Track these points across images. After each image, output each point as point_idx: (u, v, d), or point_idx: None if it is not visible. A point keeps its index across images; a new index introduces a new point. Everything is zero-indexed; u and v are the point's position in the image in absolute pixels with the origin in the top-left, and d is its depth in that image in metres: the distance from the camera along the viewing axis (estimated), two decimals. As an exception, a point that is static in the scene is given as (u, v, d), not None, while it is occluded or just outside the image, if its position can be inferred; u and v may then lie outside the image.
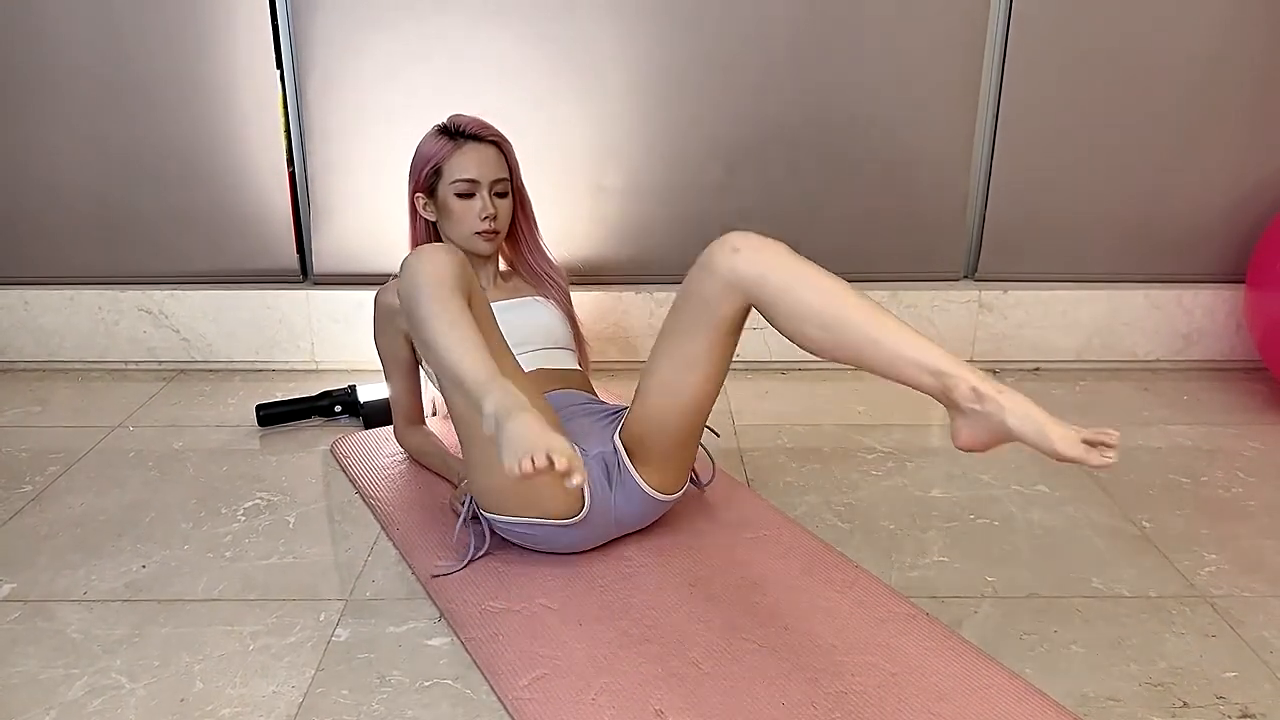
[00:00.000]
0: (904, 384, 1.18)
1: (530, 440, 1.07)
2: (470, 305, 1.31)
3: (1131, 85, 2.10)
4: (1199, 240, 2.21)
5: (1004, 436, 1.11)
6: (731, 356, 1.37)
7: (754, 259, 1.24)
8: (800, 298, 1.21)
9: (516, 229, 1.75)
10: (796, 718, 1.13)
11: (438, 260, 1.29)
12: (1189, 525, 1.57)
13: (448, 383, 1.27)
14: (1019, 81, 2.10)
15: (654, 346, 1.39)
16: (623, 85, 2.11)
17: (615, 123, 2.13)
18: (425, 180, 1.66)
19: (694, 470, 1.58)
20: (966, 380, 1.13)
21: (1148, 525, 1.57)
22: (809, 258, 1.26)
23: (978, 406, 1.12)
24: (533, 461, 1.05)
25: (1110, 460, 1.06)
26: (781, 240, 1.28)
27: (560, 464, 1.06)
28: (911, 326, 1.19)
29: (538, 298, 1.73)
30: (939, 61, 2.10)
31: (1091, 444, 1.07)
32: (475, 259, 1.71)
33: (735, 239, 1.26)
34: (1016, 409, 1.10)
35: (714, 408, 1.97)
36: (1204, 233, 2.21)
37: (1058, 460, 1.07)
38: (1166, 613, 1.34)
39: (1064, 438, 1.07)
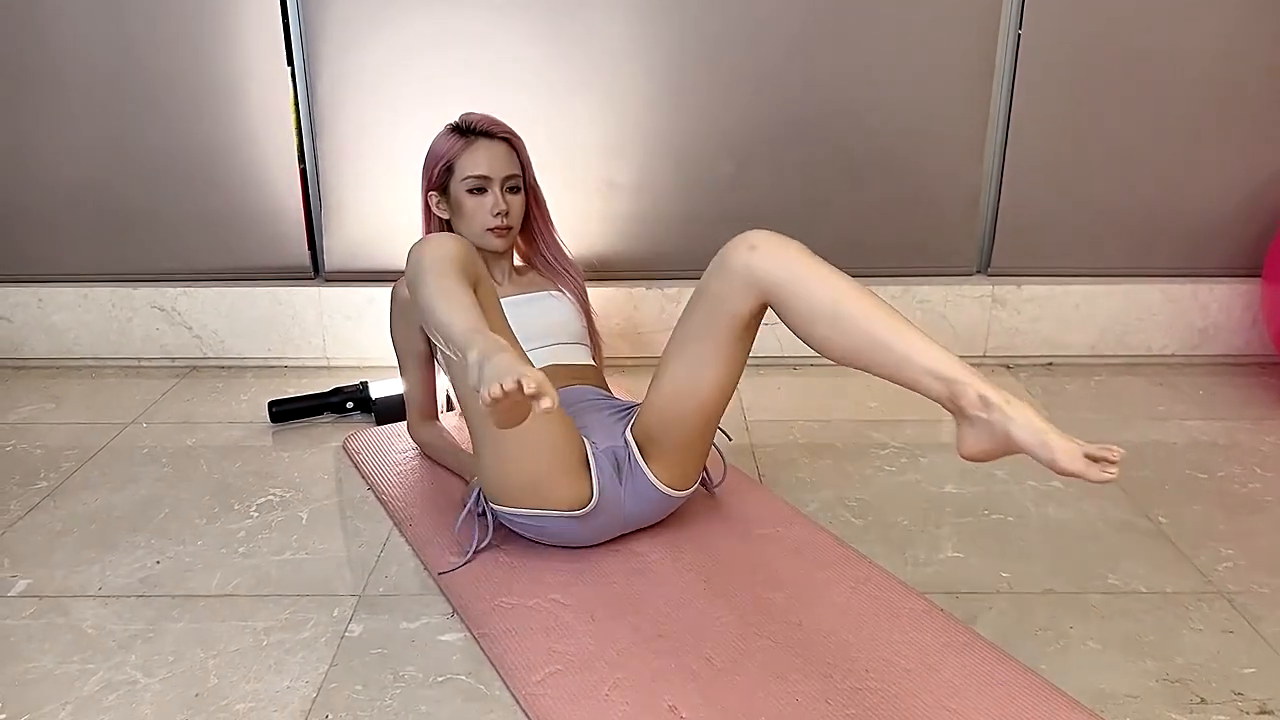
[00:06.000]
0: (912, 389, 1.17)
1: (502, 370, 1.06)
2: (476, 292, 1.31)
3: (1146, 78, 2.09)
4: (1215, 234, 2.20)
5: (1008, 446, 1.10)
6: (746, 357, 1.37)
7: (771, 256, 1.25)
8: (814, 297, 1.22)
9: (531, 224, 1.75)
10: (810, 714, 1.12)
11: (442, 244, 1.31)
12: (1205, 520, 1.56)
13: (443, 346, 1.27)
14: (1032, 75, 2.09)
15: (668, 344, 1.39)
16: (633, 81, 2.10)
17: (626, 119, 2.13)
18: (438, 178, 1.66)
19: (705, 469, 1.58)
20: (974, 387, 1.12)
21: (1164, 521, 1.56)
22: (822, 253, 1.27)
23: (984, 415, 1.11)
24: (501, 386, 1.04)
25: (1111, 476, 1.04)
26: (795, 236, 1.28)
27: (529, 387, 1.03)
28: (922, 331, 1.18)
29: (552, 292, 1.73)
30: (951, 56, 2.09)
31: (1094, 459, 1.05)
32: (489, 255, 1.71)
33: (753, 237, 1.27)
34: (1021, 419, 1.08)
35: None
36: (1220, 226, 2.19)
37: (1058, 474, 1.06)
38: (1183, 609, 1.33)
39: (1067, 451, 1.05)
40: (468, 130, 1.66)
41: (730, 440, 1.76)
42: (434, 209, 1.70)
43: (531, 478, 1.35)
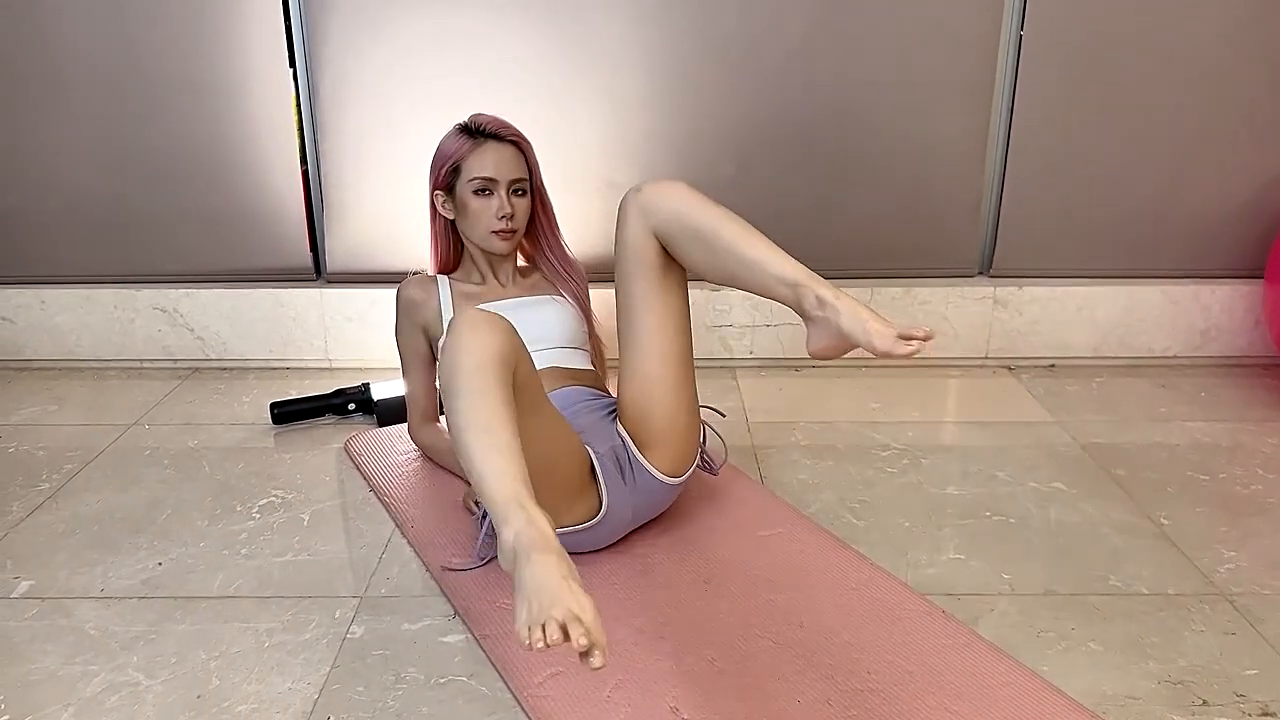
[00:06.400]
0: (769, 298, 1.28)
1: (546, 601, 0.92)
2: (516, 375, 1.20)
3: (1148, 78, 2.09)
4: (1217, 235, 2.19)
5: (842, 341, 1.20)
6: (681, 304, 1.44)
7: (656, 192, 1.36)
8: (687, 224, 1.32)
9: (536, 227, 1.75)
10: (812, 715, 1.12)
11: (481, 339, 1.17)
12: (1208, 522, 1.56)
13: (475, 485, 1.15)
14: (1033, 75, 2.09)
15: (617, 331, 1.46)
16: (634, 81, 2.11)
17: (627, 119, 2.13)
18: (444, 178, 1.67)
19: (708, 455, 1.58)
20: (813, 289, 1.22)
21: (1166, 522, 1.56)
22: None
23: (821, 313, 1.22)
24: (544, 634, 0.89)
25: (911, 349, 1.14)
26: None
27: (579, 641, 0.89)
28: (781, 250, 1.28)
29: (554, 296, 1.73)
30: (953, 56, 2.09)
31: (904, 338, 1.15)
32: (493, 257, 1.72)
33: (641, 183, 1.38)
34: (847, 311, 1.19)
35: (727, 404, 1.99)
36: (1222, 228, 2.19)
37: (877, 355, 1.16)
38: (1185, 610, 1.33)
39: (880, 333, 1.16)
40: (476, 132, 1.66)
41: (724, 417, 1.74)
42: (440, 208, 1.71)
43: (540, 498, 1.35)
